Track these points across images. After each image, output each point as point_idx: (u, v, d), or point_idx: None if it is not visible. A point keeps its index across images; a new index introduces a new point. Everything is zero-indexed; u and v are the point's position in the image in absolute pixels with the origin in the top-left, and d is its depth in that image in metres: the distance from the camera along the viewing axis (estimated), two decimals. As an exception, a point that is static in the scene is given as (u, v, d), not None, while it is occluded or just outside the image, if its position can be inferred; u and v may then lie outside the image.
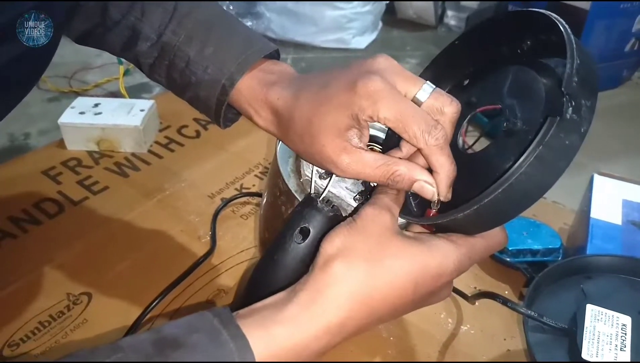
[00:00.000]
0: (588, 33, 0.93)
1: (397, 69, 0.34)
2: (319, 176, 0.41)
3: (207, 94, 0.43)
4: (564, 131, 0.29)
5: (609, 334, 0.40)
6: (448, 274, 0.32)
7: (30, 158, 0.77)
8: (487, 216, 0.32)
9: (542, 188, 0.30)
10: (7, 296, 0.55)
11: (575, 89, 0.29)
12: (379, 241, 0.31)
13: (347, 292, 0.29)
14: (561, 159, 0.30)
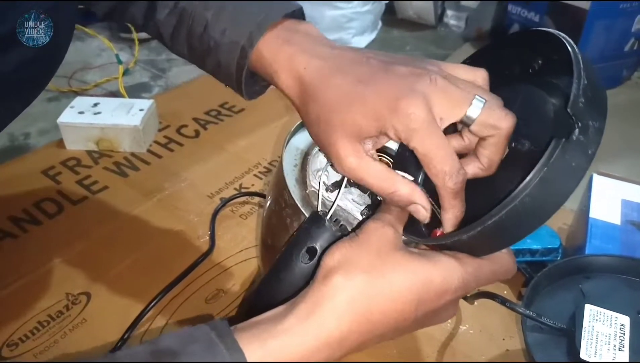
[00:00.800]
0: (588, 33, 0.93)
1: (446, 88, 0.32)
2: (326, 188, 0.40)
3: (226, 59, 0.40)
4: (569, 152, 0.29)
5: (608, 334, 0.40)
6: (452, 291, 0.31)
7: (30, 158, 0.77)
8: (491, 237, 0.31)
9: (548, 210, 0.30)
10: (6, 296, 0.55)
11: (581, 110, 0.28)
12: (380, 254, 0.30)
13: (346, 304, 0.29)
14: (567, 181, 0.29)
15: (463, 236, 0.31)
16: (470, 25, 1.26)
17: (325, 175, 0.40)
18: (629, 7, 0.92)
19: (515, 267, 0.35)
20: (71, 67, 0.96)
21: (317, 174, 0.41)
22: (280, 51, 0.37)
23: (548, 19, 0.98)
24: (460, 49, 1.19)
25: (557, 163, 0.29)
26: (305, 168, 0.43)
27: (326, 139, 0.34)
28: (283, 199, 0.41)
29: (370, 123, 0.32)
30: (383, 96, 0.32)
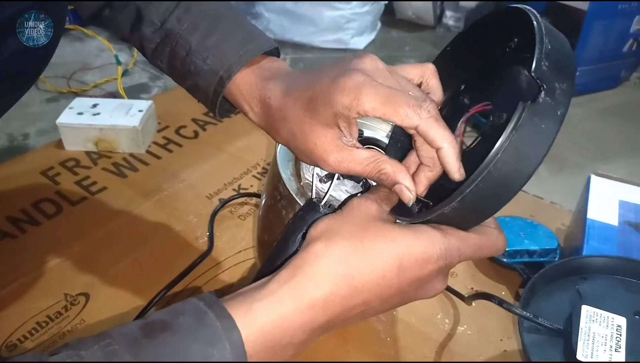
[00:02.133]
0: (586, 34, 0.93)
1: (380, 67, 0.34)
2: (320, 179, 0.41)
3: (205, 84, 0.43)
4: (538, 115, 0.29)
5: (604, 335, 0.40)
6: (435, 259, 0.31)
7: (29, 158, 0.77)
8: (472, 207, 0.31)
9: (523, 174, 0.30)
10: (5, 297, 0.55)
11: (546, 73, 0.29)
12: (362, 224, 0.31)
13: (326, 267, 0.29)
14: (538, 144, 0.29)
15: (445, 209, 0.31)
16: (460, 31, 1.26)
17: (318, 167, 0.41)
18: (627, 8, 0.92)
19: (505, 243, 0.34)
20: (70, 67, 0.96)
21: (311, 167, 0.42)
22: (253, 86, 0.41)
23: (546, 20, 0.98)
24: (459, 50, 1.19)
25: (526, 125, 0.29)
26: (299, 161, 0.44)
27: (306, 148, 0.36)
28: (278, 192, 0.41)
29: (328, 113, 0.34)
30: (326, 85, 0.34)
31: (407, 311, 0.54)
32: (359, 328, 0.53)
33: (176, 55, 0.44)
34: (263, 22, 1.21)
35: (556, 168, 0.81)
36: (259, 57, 0.42)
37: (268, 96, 0.39)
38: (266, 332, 0.27)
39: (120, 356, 0.24)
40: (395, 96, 0.32)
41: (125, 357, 0.24)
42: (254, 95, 0.41)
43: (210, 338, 0.26)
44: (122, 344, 0.25)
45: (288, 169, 0.44)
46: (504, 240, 0.34)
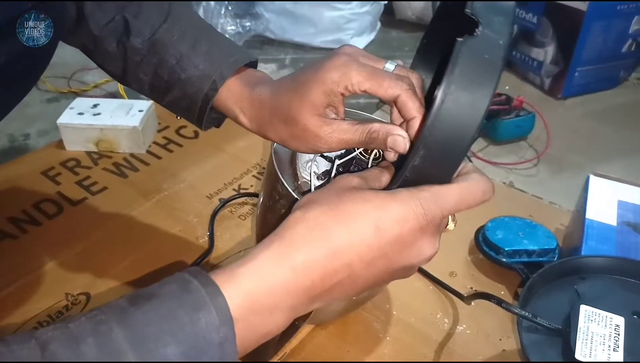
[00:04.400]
0: (585, 34, 0.93)
1: (362, 52, 0.38)
2: (317, 177, 0.41)
3: (194, 90, 0.44)
4: (479, 46, 0.29)
5: (603, 335, 0.40)
6: (413, 217, 0.30)
7: (30, 159, 0.77)
8: (439, 151, 0.30)
9: (477, 108, 0.29)
10: (6, 296, 0.55)
11: (481, 9, 0.29)
12: (338, 192, 0.31)
13: (303, 231, 0.29)
14: (486, 75, 0.29)
15: (415, 161, 0.30)
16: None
17: (315, 165, 0.41)
18: (626, 9, 0.93)
19: (491, 186, 0.33)
20: (70, 68, 0.96)
21: (307, 165, 0.42)
22: (244, 88, 0.43)
23: (545, 20, 0.98)
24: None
25: (468, 58, 0.29)
26: (295, 161, 0.44)
27: (298, 131, 0.38)
28: (277, 192, 0.41)
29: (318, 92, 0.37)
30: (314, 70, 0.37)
31: (407, 310, 0.55)
32: (359, 328, 0.53)
33: (164, 64, 0.45)
34: (263, 23, 1.21)
35: (555, 168, 0.81)
36: (244, 67, 0.45)
37: (259, 94, 0.42)
38: (250, 296, 0.27)
39: (107, 324, 0.24)
40: (378, 71, 0.35)
41: (112, 325, 0.24)
42: (245, 96, 0.43)
43: (195, 303, 0.26)
44: (109, 314, 0.25)
45: (285, 170, 0.44)
46: (487, 182, 0.33)
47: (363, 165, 0.43)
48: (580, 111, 0.98)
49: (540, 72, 1.02)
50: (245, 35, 1.20)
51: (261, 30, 1.22)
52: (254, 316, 0.27)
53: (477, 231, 0.62)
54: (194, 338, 0.25)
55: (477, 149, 0.82)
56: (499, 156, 0.82)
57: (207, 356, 0.25)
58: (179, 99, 0.46)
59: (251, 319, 0.27)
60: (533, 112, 0.84)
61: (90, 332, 0.24)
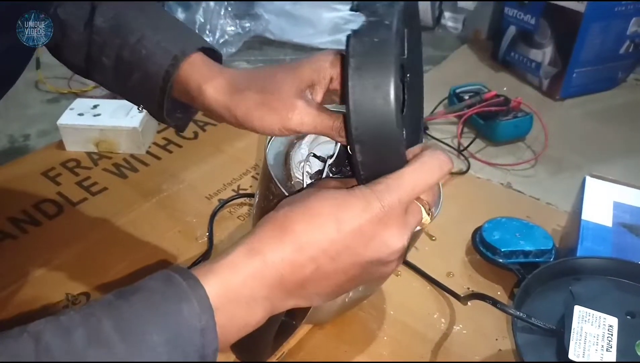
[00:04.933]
0: (583, 35, 0.93)
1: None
2: (310, 177, 0.42)
3: (156, 67, 0.43)
4: (367, 32, 0.30)
5: (596, 335, 0.41)
6: (370, 210, 0.30)
7: (30, 159, 0.78)
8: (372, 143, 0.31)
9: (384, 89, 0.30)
10: (7, 296, 0.56)
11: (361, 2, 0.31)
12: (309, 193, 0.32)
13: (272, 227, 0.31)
14: (380, 55, 0.30)
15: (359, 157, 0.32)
16: (468, 27, 1.26)
17: (308, 165, 0.42)
18: (624, 10, 0.93)
19: (447, 157, 0.33)
20: (71, 68, 0.97)
21: (300, 166, 0.43)
22: (211, 65, 0.43)
23: (544, 21, 0.99)
24: (458, 51, 1.20)
25: (360, 47, 0.30)
26: (289, 162, 0.45)
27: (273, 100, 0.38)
28: (270, 193, 0.42)
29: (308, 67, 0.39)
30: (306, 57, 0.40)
31: (404, 310, 0.55)
32: (356, 328, 0.53)
33: (126, 44, 0.44)
34: (262, 24, 1.22)
35: (553, 169, 0.81)
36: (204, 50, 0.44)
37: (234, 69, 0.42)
38: (227, 286, 0.29)
39: (95, 316, 0.26)
40: None
41: (100, 316, 0.26)
42: (213, 70, 0.42)
43: (178, 295, 0.27)
44: (97, 307, 0.26)
45: (279, 171, 0.44)
46: (441, 155, 0.33)
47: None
48: (579, 111, 0.98)
49: (538, 73, 1.02)
50: (245, 36, 1.20)
51: (261, 31, 1.23)
52: (232, 306, 0.29)
53: (474, 231, 0.62)
54: (177, 326, 0.27)
55: (475, 150, 0.83)
56: (497, 157, 0.82)
57: (190, 343, 0.27)
58: (140, 82, 0.45)
59: (229, 308, 0.29)
60: (531, 114, 0.85)
61: (80, 323, 0.25)
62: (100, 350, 0.25)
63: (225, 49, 1.17)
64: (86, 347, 0.24)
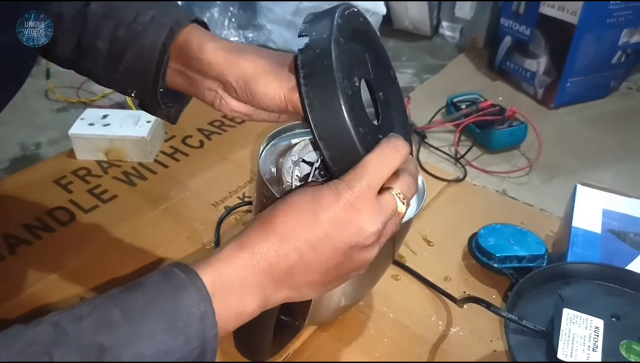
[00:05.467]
0: (576, 46, 0.96)
1: None
2: (299, 180, 0.45)
3: (152, 41, 0.43)
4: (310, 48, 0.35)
5: (583, 336, 0.43)
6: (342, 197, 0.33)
7: (42, 168, 0.80)
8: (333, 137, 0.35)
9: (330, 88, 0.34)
10: (23, 300, 0.58)
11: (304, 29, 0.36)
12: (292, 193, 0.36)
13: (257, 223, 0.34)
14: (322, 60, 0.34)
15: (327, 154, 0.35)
16: (465, 36, 1.30)
17: (298, 169, 0.45)
18: (615, 22, 0.96)
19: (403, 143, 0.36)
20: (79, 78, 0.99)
21: (290, 170, 0.46)
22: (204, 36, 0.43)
23: (538, 32, 1.02)
24: (455, 59, 1.22)
25: (305, 56, 0.35)
26: (280, 168, 0.48)
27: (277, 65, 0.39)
28: (264, 196, 0.45)
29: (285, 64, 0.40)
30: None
31: (403, 313, 0.58)
32: (357, 330, 0.56)
33: (121, 24, 0.44)
34: (265, 33, 1.25)
35: (547, 176, 0.84)
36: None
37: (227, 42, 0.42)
38: (220, 275, 0.32)
39: (104, 305, 0.29)
40: None
41: (109, 305, 0.29)
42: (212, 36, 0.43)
43: (178, 286, 0.30)
44: (105, 298, 0.30)
45: (271, 175, 0.47)
46: (396, 139, 0.36)
47: None
48: (573, 119, 1.01)
49: (533, 82, 1.05)
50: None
51: (263, 41, 1.25)
52: (226, 294, 0.32)
53: (470, 237, 0.65)
54: (178, 313, 0.29)
55: (472, 158, 0.86)
56: (492, 164, 0.85)
57: (191, 328, 0.30)
58: (135, 61, 0.44)
59: (224, 296, 0.32)
60: (525, 123, 0.87)
61: (90, 312, 0.29)
62: (108, 331, 0.28)
63: (228, 58, 1.20)
64: (95, 331, 0.28)
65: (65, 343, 0.27)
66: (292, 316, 0.50)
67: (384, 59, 0.44)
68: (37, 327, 0.28)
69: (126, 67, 0.45)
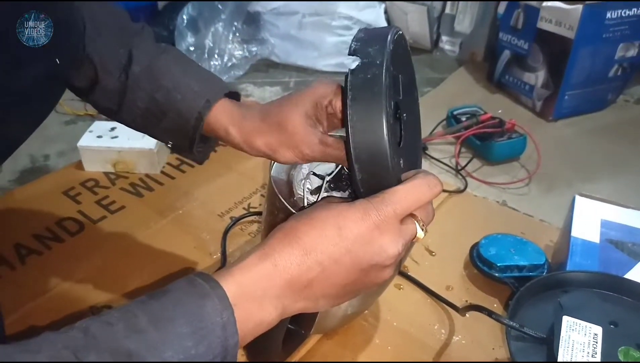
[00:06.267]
0: (573, 60, 0.98)
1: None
2: (310, 192, 0.46)
3: (189, 109, 0.48)
4: (362, 71, 0.36)
5: (582, 343, 0.44)
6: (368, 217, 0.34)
7: (51, 179, 0.82)
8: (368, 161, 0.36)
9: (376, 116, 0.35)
10: (33, 309, 0.59)
11: (357, 48, 0.37)
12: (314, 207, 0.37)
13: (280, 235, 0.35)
14: (373, 87, 0.35)
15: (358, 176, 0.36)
16: (464, 50, 1.32)
17: (309, 182, 0.46)
18: (611, 36, 0.98)
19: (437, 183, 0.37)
20: (87, 91, 1.01)
21: (302, 183, 0.47)
22: (234, 106, 0.48)
23: (536, 46, 1.04)
24: (455, 72, 1.25)
25: (356, 79, 0.36)
26: (291, 180, 0.49)
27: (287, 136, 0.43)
28: (275, 208, 0.46)
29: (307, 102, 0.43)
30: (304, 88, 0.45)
31: (407, 321, 0.59)
32: (362, 338, 0.57)
33: (161, 88, 0.49)
34: (268, 47, 1.27)
35: (546, 187, 0.85)
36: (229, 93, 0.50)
37: (251, 107, 0.47)
38: (242, 285, 0.33)
39: (132, 312, 0.30)
40: None
41: (136, 312, 0.30)
42: (236, 111, 0.48)
43: (201, 293, 0.31)
44: (132, 306, 0.31)
45: (282, 187, 0.49)
46: (432, 178, 0.37)
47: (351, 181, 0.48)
48: (571, 131, 1.03)
49: (532, 95, 1.07)
50: (251, 59, 1.25)
51: (267, 55, 1.28)
52: (247, 303, 0.33)
53: (471, 247, 0.66)
54: (202, 320, 0.30)
55: (472, 169, 0.87)
56: (492, 176, 0.87)
57: (214, 335, 0.31)
58: (172, 121, 0.49)
59: (245, 306, 0.32)
60: (525, 135, 0.89)
61: (119, 318, 0.30)
62: (138, 337, 0.29)
63: (232, 72, 1.23)
64: (126, 336, 0.29)
65: (95, 349, 0.28)
66: (299, 325, 0.51)
67: (412, 81, 0.46)
68: (67, 332, 0.29)
69: (164, 127, 0.50)
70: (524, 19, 1.06)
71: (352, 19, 1.20)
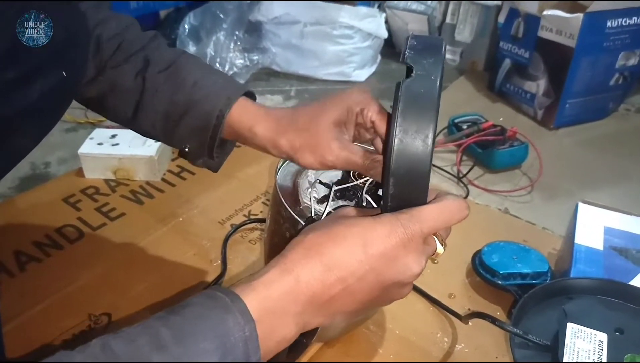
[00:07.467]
0: (574, 69, 0.98)
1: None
2: (317, 201, 0.46)
3: (210, 107, 0.47)
4: (415, 84, 0.35)
5: (587, 350, 0.44)
6: (394, 234, 0.33)
7: (51, 186, 0.82)
8: (405, 177, 0.35)
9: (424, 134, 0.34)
10: (33, 316, 0.59)
11: (412, 57, 0.35)
12: (334, 219, 0.36)
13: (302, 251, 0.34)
14: (425, 104, 0.34)
15: (390, 190, 0.35)
16: (465, 59, 1.33)
17: (315, 191, 0.46)
18: (612, 45, 0.98)
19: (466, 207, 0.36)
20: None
21: (308, 191, 0.47)
22: (257, 105, 0.48)
23: (537, 55, 1.04)
24: (456, 81, 1.25)
25: (408, 93, 0.34)
26: (297, 189, 0.49)
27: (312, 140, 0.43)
28: (281, 216, 0.46)
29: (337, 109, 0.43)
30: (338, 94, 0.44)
31: (409, 330, 0.58)
32: (364, 347, 0.56)
33: (182, 89, 0.48)
34: (270, 57, 1.28)
35: (548, 195, 0.85)
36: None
37: (278, 109, 0.46)
38: (264, 301, 0.32)
39: (154, 327, 0.29)
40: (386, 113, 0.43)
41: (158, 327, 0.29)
42: (260, 111, 0.47)
43: (222, 308, 0.31)
44: (153, 320, 0.30)
45: (288, 196, 0.48)
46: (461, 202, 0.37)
47: (358, 192, 0.47)
48: (572, 140, 1.03)
49: (533, 103, 1.07)
50: (253, 68, 1.26)
51: (268, 63, 1.28)
52: (270, 319, 0.32)
53: (474, 255, 0.66)
54: (224, 335, 0.30)
55: (474, 177, 0.87)
56: (494, 183, 0.86)
57: (237, 350, 0.30)
58: (193, 120, 0.48)
59: (268, 321, 0.32)
60: (526, 143, 0.89)
61: (140, 333, 0.29)
62: (162, 353, 0.28)
63: (234, 81, 1.23)
64: (150, 351, 0.28)
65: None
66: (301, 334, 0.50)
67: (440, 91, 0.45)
68: (85, 349, 0.28)
69: (183, 128, 0.49)
70: (525, 28, 1.06)
71: (353, 28, 1.21)
